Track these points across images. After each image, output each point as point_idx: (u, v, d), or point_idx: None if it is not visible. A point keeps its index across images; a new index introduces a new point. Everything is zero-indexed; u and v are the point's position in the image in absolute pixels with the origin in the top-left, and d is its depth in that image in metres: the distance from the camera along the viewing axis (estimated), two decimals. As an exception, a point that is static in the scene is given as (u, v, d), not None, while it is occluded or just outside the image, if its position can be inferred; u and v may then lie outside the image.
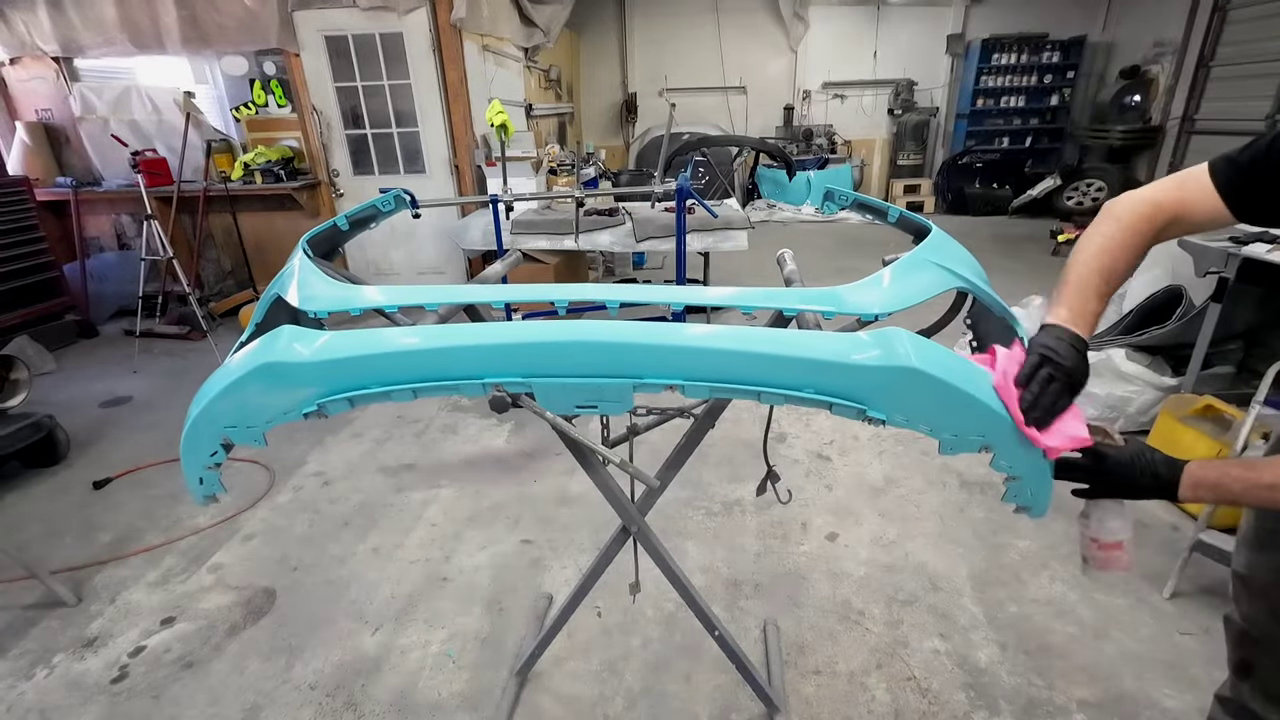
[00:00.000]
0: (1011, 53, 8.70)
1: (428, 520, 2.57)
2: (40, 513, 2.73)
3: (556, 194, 4.57)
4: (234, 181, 5.11)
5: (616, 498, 1.39)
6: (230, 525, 2.59)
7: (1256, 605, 1.12)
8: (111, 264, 5.26)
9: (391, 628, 2.05)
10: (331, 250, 1.36)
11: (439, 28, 4.82)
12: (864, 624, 2.00)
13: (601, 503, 1.45)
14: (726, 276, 5.77)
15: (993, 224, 8.28)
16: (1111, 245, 0.89)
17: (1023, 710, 1.71)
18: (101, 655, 1.98)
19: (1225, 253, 2.55)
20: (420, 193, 1.77)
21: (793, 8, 8.97)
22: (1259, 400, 1.98)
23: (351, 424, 3.38)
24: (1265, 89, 5.83)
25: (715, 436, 2.16)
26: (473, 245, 4.30)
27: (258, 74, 5.11)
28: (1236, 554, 1.16)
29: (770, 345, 0.79)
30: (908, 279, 0.98)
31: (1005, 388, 0.79)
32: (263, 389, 0.83)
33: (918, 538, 2.38)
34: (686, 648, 1.92)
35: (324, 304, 0.96)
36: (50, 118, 5.31)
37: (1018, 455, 0.80)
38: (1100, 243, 0.90)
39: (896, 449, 2.98)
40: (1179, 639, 1.90)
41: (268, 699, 1.81)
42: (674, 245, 3.88)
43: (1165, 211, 0.91)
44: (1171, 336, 2.99)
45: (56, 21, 4.83)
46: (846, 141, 9.72)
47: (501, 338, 0.82)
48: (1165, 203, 0.91)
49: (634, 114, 9.79)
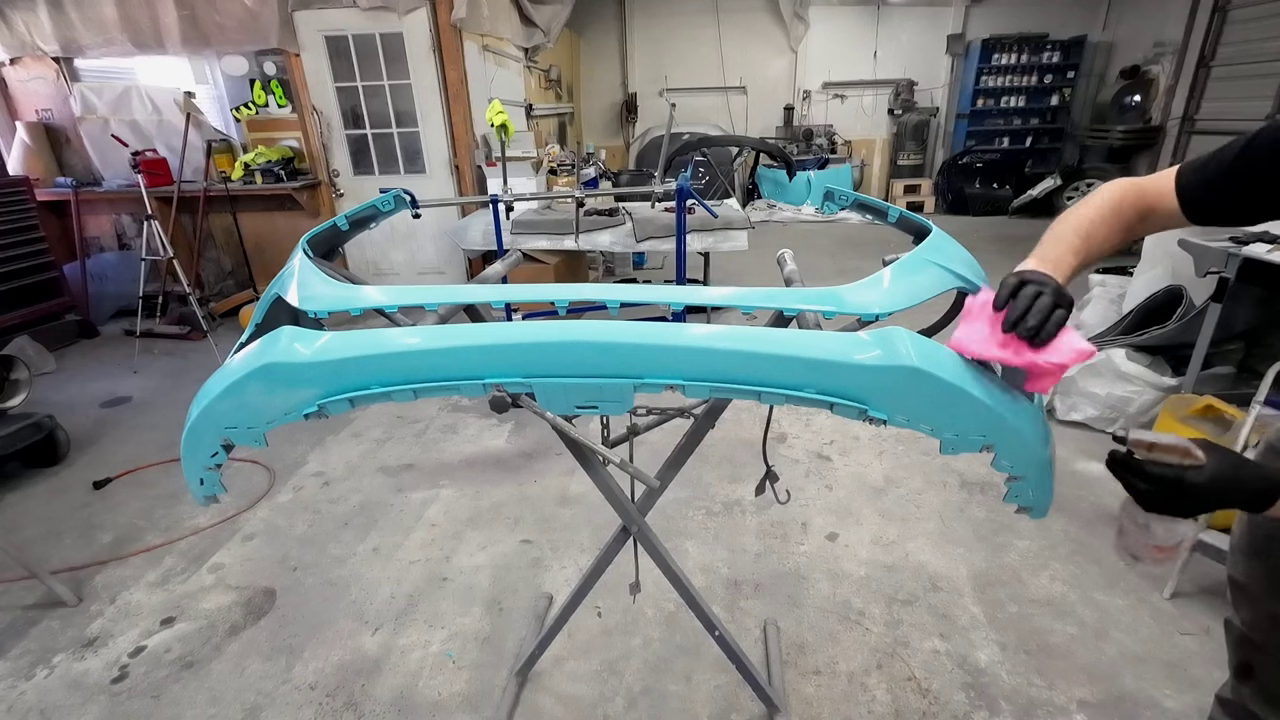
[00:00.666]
0: (1011, 53, 8.70)
1: (428, 520, 2.57)
2: (40, 513, 2.73)
3: (557, 194, 4.57)
4: (234, 181, 5.10)
5: (616, 498, 1.39)
6: (230, 525, 2.59)
7: (1256, 611, 1.12)
8: (112, 264, 5.26)
9: (392, 628, 2.05)
10: (332, 250, 1.36)
11: (439, 28, 4.82)
12: (864, 624, 2.00)
13: (601, 503, 1.45)
14: (726, 276, 5.77)
15: (993, 224, 8.28)
16: (1091, 213, 0.91)
17: (1023, 710, 1.71)
18: (102, 655, 1.98)
19: (1225, 253, 2.54)
20: (420, 193, 1.77)
21: (793, 8, 8.97)
22: (1259, 400, 1.98)
23: (352, 424, 3.38)
24: (1265, 89, 5.83)
25: (715, 436, 2.16)
26: (473, 245, 4.29)
27: (258, 74, 5.11)
28: (1232, 561, 1.16)
29: (771, 345, 0.79)
30: (908, 279, 0.97)
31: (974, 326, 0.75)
32: (263, 390, 0.83)
33: (918, 538, 2.38)
34: (687, 648, 1.92)
35: (323, 304, 0.96)
36: (50, 118, 5.31)
37: (1022, 456, 0.80)
38: (1081, 211, 0.92)
39: (897, 449, 2.98)
40: (1179, 639, 1.90)
41: (268, 699, 1.81)
42: (674, 245, 3.88)
43: (1146, 199, 0.93)
44: (1172, 336, 2.99)
45: (57, 21, 4.83)
46: (847, 142, 9.72)
47: (502, 338, 0.82)
48: (1149, 191, 0.93)
49: (634, 114, 9.79)
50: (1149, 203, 0.93)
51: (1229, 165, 0.87)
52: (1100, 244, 0.89)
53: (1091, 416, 3.06)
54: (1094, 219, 0.90)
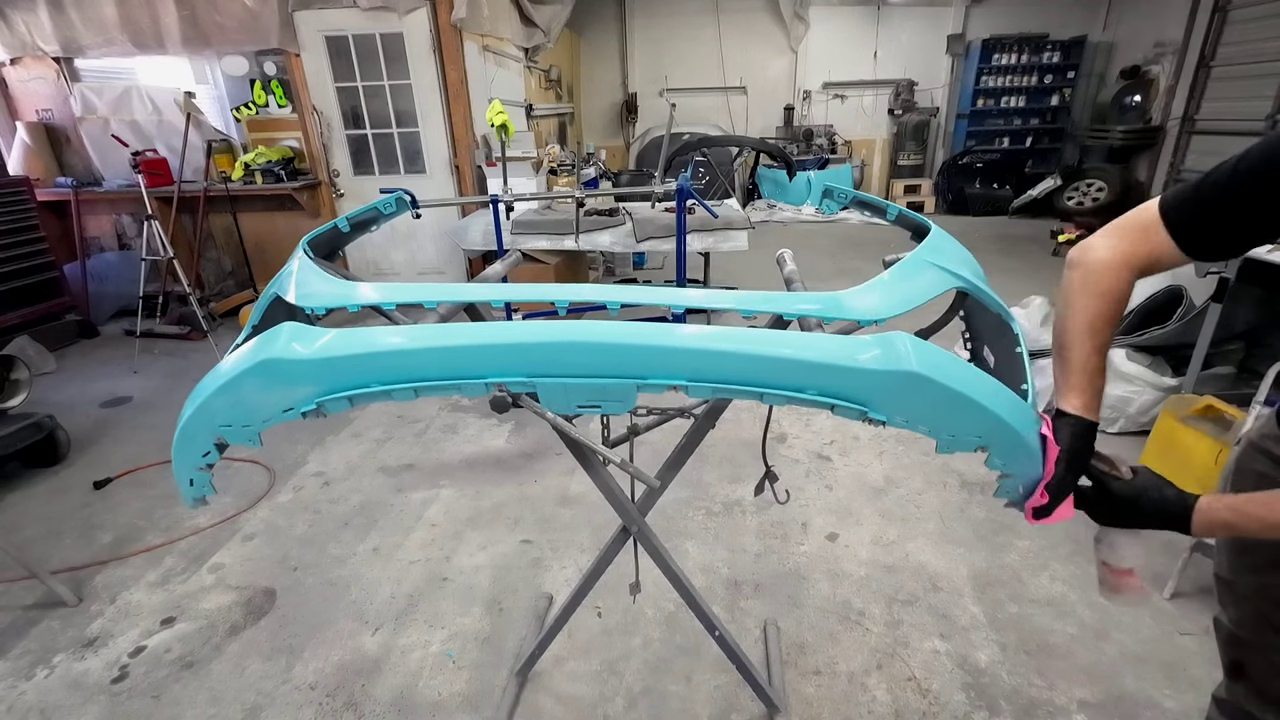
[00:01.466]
0: (1012, 53, 8.70)
1: (428, 520, 2.57)
2: (40, 513, 2.73)
3: (557, 194, 4.57)
4: (234, 182, 5.11)
5: (617, 498, 1.39)
6: (230, 525, 2.59)
7: (1242, 608, 1.12)
8: (112, 264, 5.26)
9: (392, 628, 2.05)
10: (333, 252, 1.36)
11: (439, 28, 4.82)
12: (864, 624, 2.00)
13: (602, 503, 1.45)
14: (727, 276, 5.77)
15: (993, 224, 8.29)
16: (1100, 323, 0.91)
17: (1023, 710, 1.71)
18: (102, 655, 1.98)
19: (1225, 253, 2.54)
20: (421, 193, 1.77)
21: (793, 8, 8.98)
22: (1259, 400, 1.98)
23: (352, 424, 3.38)
24: (1265, 89, 5.84)
25: (715, 437, 2.16)
26: (473, 245, 4.29)
27: (258, 74, 5.12)
28: (1218, 558, 1.17)
29: (774, 347, 0.79)
30: (907, 281, 0.98)
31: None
32: (260, 387, 0.82)
33: (918, 538, 2.38)
34: (687, 648, 1.93)
35: (321, 300, 0.96)
36: (51, 118, 5.31)
37: (1014, 455, 0.82)
38: (1091, 320, 0.91)
39: (897, 449, 2.98)
40: (1179, 639, 1.90)
41: (268, 699, 1.81)
42: (674, 245, 3.88)
43: (1138, 268, 0.92)
44: (1172, 337, 2.99)
45: (57, 22, 4.84)
46: (847, 142, 9.72)
47: (505, 337, 0.82)
48: (1137, 259, 0.92)
49: (634, 114, 9.79)
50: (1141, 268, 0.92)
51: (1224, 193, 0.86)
52: (1111, 340, 0.93)
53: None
54: (1104, 328, 0.91)
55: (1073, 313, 0.92)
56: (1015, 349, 0.99)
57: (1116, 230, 0.94)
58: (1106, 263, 0.92)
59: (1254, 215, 0.84)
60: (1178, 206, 0.90)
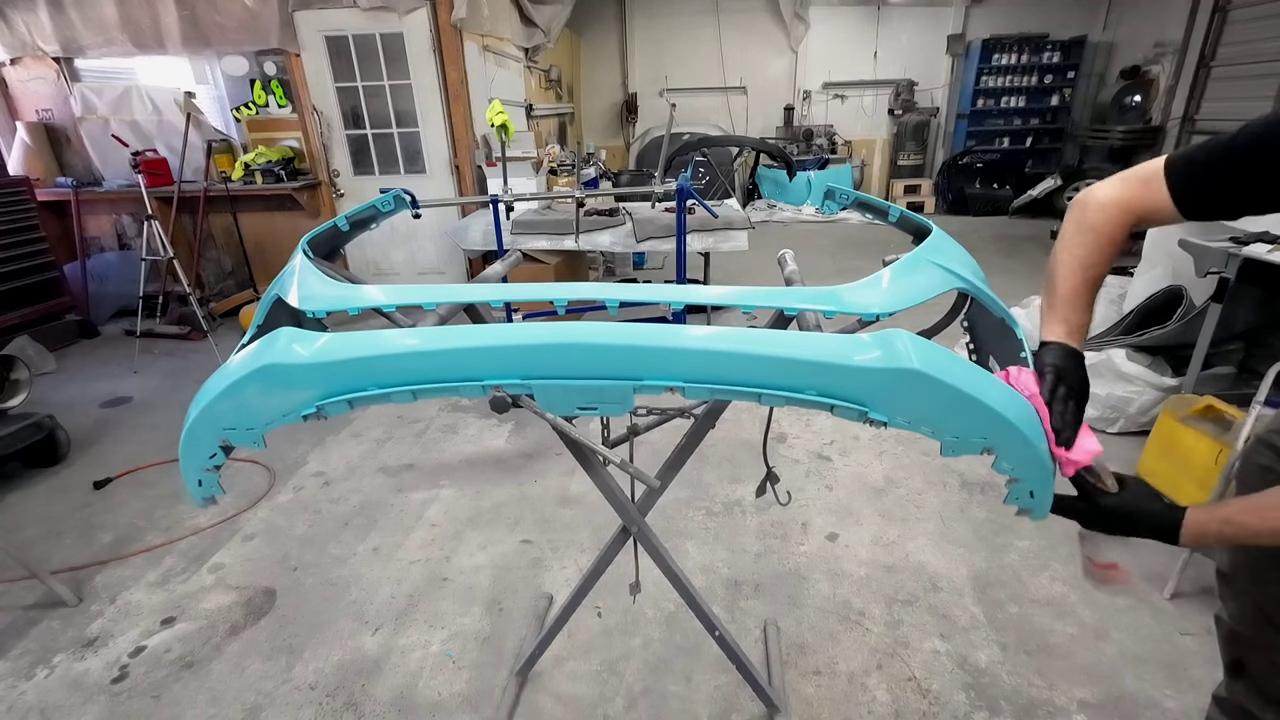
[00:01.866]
0: (1012, 53, 8.70)
1: (428, 520, 2.57)
2: (40, 513, 2.73)
3: (557, 194, 4.56)
4: (234, 182, 5.11)
5: (617, 498, 1.39)
6: (230, 525, 2.59)
7: (1241, 603, 1.13)
8: (112, 264, 5.26)
9: (392, 628, 2.05)
10: (333, 251, 1.36)
11: (439, 28, 4.82)
12: (864, 624, 2.00)
13: (602, 503, 1.45)
14: (727, 276, 5.77)
15: (993, 224, 8.28)
16: (1092, 257, 0.93)
17: (1023, 710, 1.71)
18: (102, 655, 1.98)
19: (1225, 253, 2.54)
20: (421, 193, 1.77)
21: (793, 8, 8.97)
22: (1259, 400, 1.98)
23: (352, 424, 3.38)
24: (1265, 89, 5.83)
25: (715, 437, 2.16)
26: (473, 245, 4.29)
27: (258, 74, 5.11)
28: (1219, 554, 1.17)
29: (772, 347, 0.78)
30: (908, 279, 0.97)
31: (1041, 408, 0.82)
32: (262, 391, 0.82)
33: (918, 538, 2.38)
34: (687, 648, 1.92)
35: (322, 303, 0.96)
36: (51, 118, 5.31)
37: (1023, 459, 0.80)
38: (1082, 255, 0.93)
39: (897, 449, 2.98)
40: (1179, 639, 1.90)
41: (268, 699, 1.81)
42: (674, 245, 3.87)
43: (1134, 213, 0.94)
44: (1172, 337, 2.99)
45: (57, 22, 4.83)
46: (847, 142, 9.72)
47: (502, 339, 0.82)
48: (1134, 205, 0.93)
49: (634, 114, 9.79)
50: (1138, 214, 0.94)
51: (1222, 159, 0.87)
52: (1102, 279, 0.94)
53: (1092, 417, 3.06)
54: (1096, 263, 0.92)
55: (1066, 247, 0.95)
56: (1020, 354, 0.98)
57: (1121, 178, 0.97)
58: (1103, 203, 0.94)
59: (1249, 184, 0.86)
60: (1180, 165, 0.92)
